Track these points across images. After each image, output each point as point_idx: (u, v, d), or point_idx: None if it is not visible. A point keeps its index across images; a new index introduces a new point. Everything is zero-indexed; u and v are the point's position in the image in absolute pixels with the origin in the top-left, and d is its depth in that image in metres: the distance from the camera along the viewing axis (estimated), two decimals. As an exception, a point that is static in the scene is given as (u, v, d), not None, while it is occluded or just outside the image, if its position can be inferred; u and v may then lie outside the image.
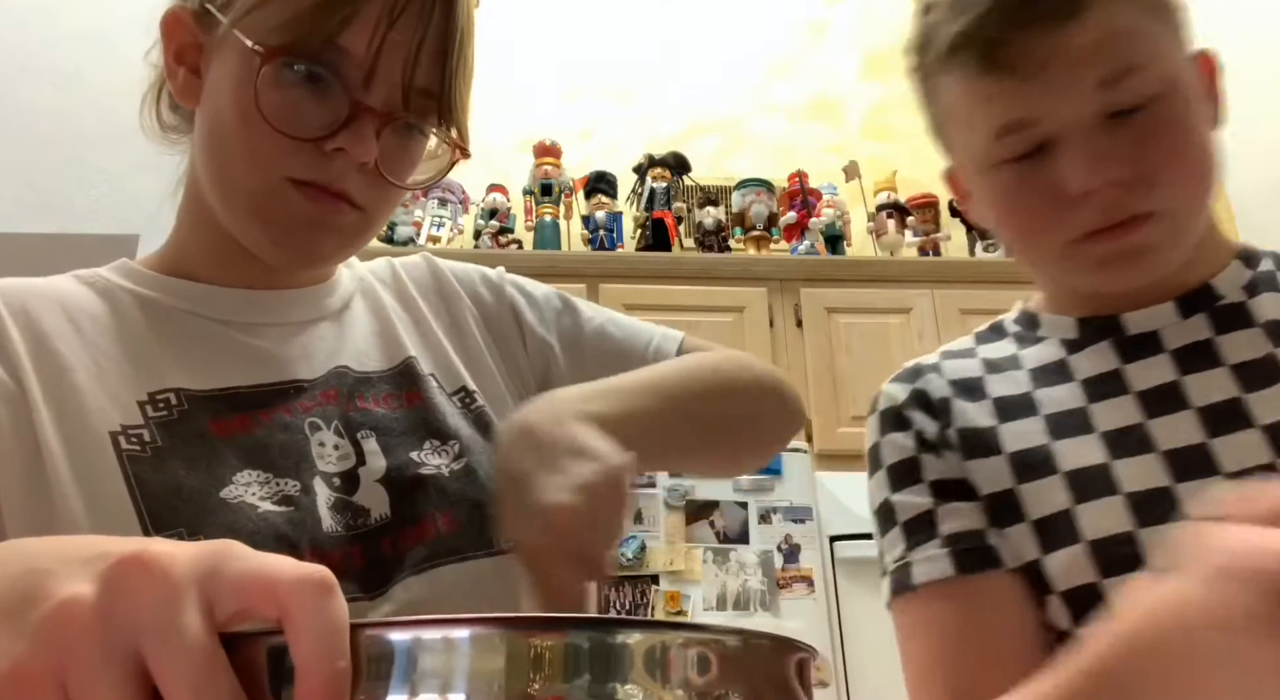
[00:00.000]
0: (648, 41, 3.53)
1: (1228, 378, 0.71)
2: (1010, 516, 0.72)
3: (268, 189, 0.64)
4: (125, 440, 0.60)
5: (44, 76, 2.83)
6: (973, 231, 3.15)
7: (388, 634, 0.29)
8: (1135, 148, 0.68)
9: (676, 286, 2.85)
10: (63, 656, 0.30)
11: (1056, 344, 0.79)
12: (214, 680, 0.29)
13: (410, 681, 0.29)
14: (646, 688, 0.30)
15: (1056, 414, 0.74)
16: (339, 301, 0.76)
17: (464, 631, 0.29)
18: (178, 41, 0.69)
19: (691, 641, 0.32)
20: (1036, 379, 0.77)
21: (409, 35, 0.63)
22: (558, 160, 3.19)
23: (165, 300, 0.69)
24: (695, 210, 3.18)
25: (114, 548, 0.32)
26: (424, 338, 0.77)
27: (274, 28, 0.62)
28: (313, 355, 0.71)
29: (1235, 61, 3.31)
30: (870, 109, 3.46)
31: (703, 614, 2.24)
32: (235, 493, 0.60)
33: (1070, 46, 0.68)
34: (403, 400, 0.71)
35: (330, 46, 0.62)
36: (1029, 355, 0.80)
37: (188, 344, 0.67)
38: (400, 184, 0.68)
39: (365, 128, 0.63)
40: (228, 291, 0.70)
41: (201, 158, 0.68)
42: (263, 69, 0.62)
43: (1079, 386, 0.75)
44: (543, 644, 0.29)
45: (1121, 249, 0.70)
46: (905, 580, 0.74)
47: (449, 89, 0.66)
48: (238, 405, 0.65)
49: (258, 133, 0.63)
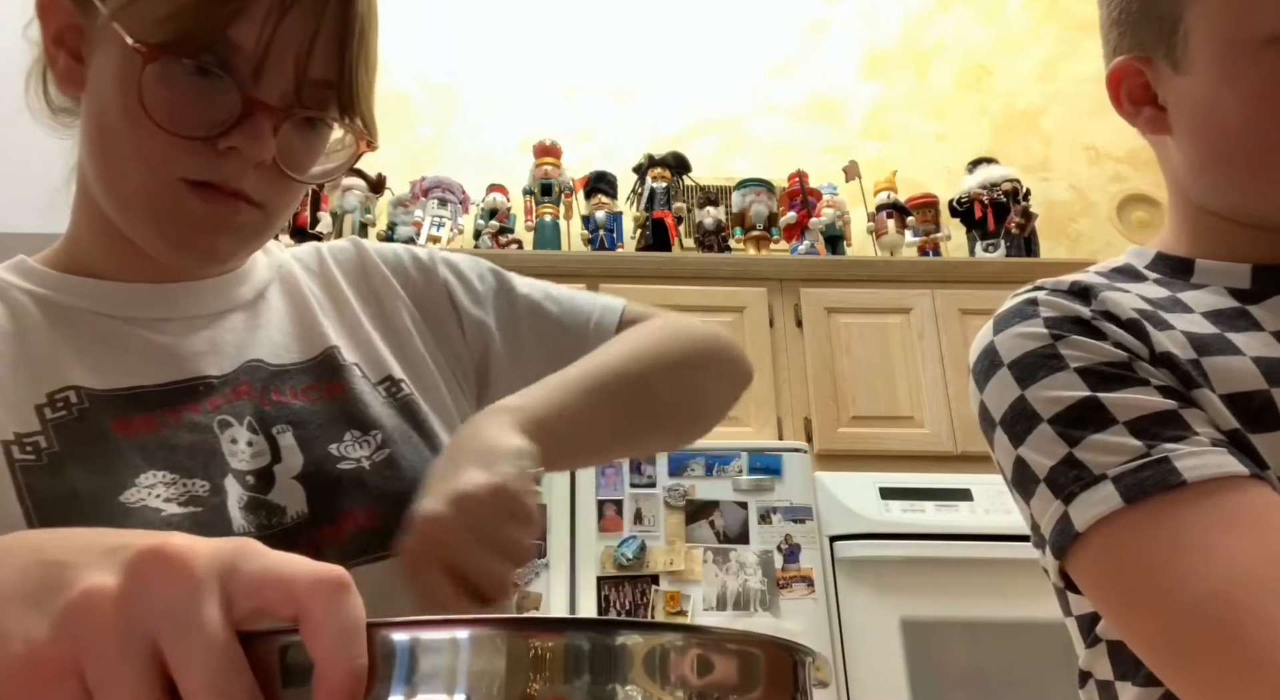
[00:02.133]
0: (648, 41, 3.53)
1: None
2: (1195, 382, 0.64)
3: (160, 190, 0.61)
4: (19, 450, 0.58)
5: (44, 76, 2.83)
6: (972, 231, 3.15)
7: (388, 634, 0.29)
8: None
9: (676, 286, 2.85)
10: (83, 644, 0.30)
11: (1223, 292, 0.70)
12: (232, 676, 0.29)
13: (410, 682, 0.29)
14: (646, 689, 0.30)
15: (1266, 359, 0.64)
16: (251, 291, 0.72)
17: (464, 632, 0.29)
18: (56, 23, 0.64)
19: (691, 643, 0.32)
20: (1219, 323, 0.68)
21: (303, 26, 0.60)
22: (558, 160, 3.19)
23: (63, 299, 0.66)
24: (695, 210, 3.18)
25: (135, 540, 0.33)
26: (348, 326, 0.74)
27: (158, 21, 0.58)
28: (222, 349, 0.67)
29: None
30: (870, 109, 3.46)
31: (703, 614, 2.24)
32: (137, 496, 0.57)
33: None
34: (323, 392, 0.68)
35: (219, 40, 0.58)
36: (1192, 299, 0.70)
37: (88, 343, 0.64)
38: (301, 178, 0.65)
39: (260, 125, 0.60)
40: (129, 287, 0.67)
41: (89, 155, 0.64)
42: (147, 67, 0.58)
43: (1272, 338, 0.66)
44: (543, 645, 0.29)
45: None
46: (1167, 478, 0.59)
47: (349, 80, 0.63)
48: (142, 405, 0.62)
49: (145, 132, 0.59)
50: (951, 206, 3.18)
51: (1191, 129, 0.70)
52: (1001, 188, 3.12)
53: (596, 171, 3.19)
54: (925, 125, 3.48)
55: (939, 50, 3.59)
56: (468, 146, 3.26)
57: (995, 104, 3.55)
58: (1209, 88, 0.69)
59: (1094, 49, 3.53)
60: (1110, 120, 3.55)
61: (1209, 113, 0.70)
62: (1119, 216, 3.44)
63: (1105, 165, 3.51)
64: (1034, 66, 3.61)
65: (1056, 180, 3.47)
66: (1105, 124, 3.57)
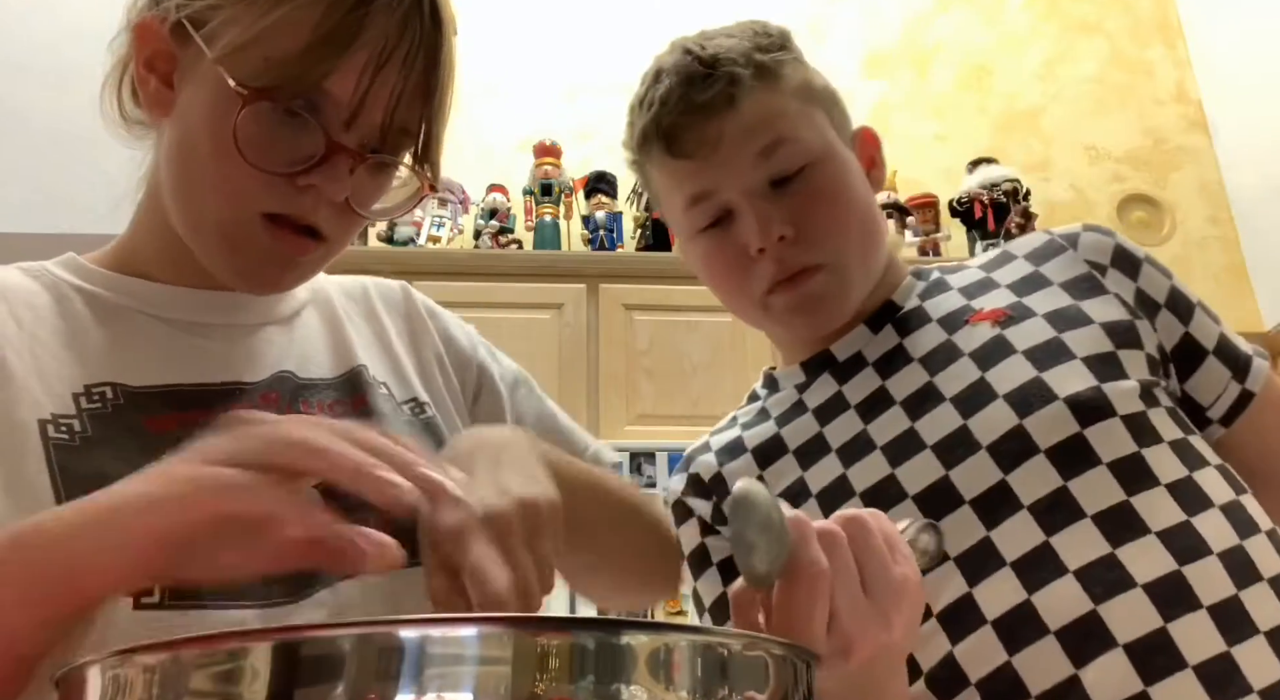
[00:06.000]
0: (648, 41, 3.52)
1: (918, 369, 0.82)
2: None
3: (238, 221, 0.65)
4: (54, 428, 0.61)
5: (44, 76, 2.83)
6: (972, 231, 3.15)
7: (396, 632, 0.29)
8: (796, 209, 0.81)
9: (676, 286, 2.85)
10: (250, 443, 0.47)
11: (791, 389, 0.89)
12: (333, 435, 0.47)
13: (417, 680, 0.29)
14: (650, 689, 0.31)
15: (800, 446, 0.84)
16: (289, 308, 0.76)
17: (471, 630, 0.29)
18: (151, 48, 0.68)
19: (696, 643, 0.33)
20: (780, 422, 0.87)
21: (393, 81, 0.64)
22: (558, 160, 3.19)
23: (111, 296, 0.69)
24: (695, 210, 3.18)
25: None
26: (381, 349, 0.78)
27: (259, 69, 0.62)
28: (256, 359, 0.70)
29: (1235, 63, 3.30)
30: (870, 109, 3.46)
31: (703, 614, 2.24)
32: None
33: (731, 129, 0.81)
34: (349, 407, 0.71)
35: (315, 90, 0.63)
36: (772, 404, 0.90)
37: (131, 340, 0.67)
38: (367, 215, 0.69)
39: (340, 166, 0.64)
40: (177, 291, 0.70)
41: (169, 177, 0.68)
42: (243, 108, 0.62)
43: (811, 416, 0.85)
44: (549, 644, 0.30)
45: (800, 298, 0.82)
46: None
47: (428, 127, 0.69)
48: (175, 402, 0.65)
49: (232, 166, 0.63)
50: (951, 206, 3.19)
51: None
52: (1001, 188, 3.12)
53: (596, 171, 3.19)
54: (925, 125, 3.48)
55: (939, 50, 3.59)
56: (468, 146, 3.26)
57: (995, 104, 3.55)
58: None
59: (1094, 49, 3.51)
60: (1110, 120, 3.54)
61: None
62: (1119, 216, 3.44)
63: (1105, 165, 3.51)
64: (1034, 66, 3.61)
65: (1056, 180, 3.47)
66: (1105, 124, 3.57)
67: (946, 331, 0.83)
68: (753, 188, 0.81)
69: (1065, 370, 0.75)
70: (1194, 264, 3.37)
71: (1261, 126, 3.33)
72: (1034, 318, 0.80)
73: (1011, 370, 0.77)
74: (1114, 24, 3.71)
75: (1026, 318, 0.80)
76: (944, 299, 0.86)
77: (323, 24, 0.62)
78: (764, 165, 0.81)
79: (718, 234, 0.84)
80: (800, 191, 0.82)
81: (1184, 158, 3.55)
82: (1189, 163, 3.54)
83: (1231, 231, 3.46)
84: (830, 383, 0.86)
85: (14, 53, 2.86)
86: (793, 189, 0.82)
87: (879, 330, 0.86)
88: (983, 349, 0.79)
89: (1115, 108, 3.58)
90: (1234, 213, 3.48)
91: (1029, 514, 0.71)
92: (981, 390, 0.77)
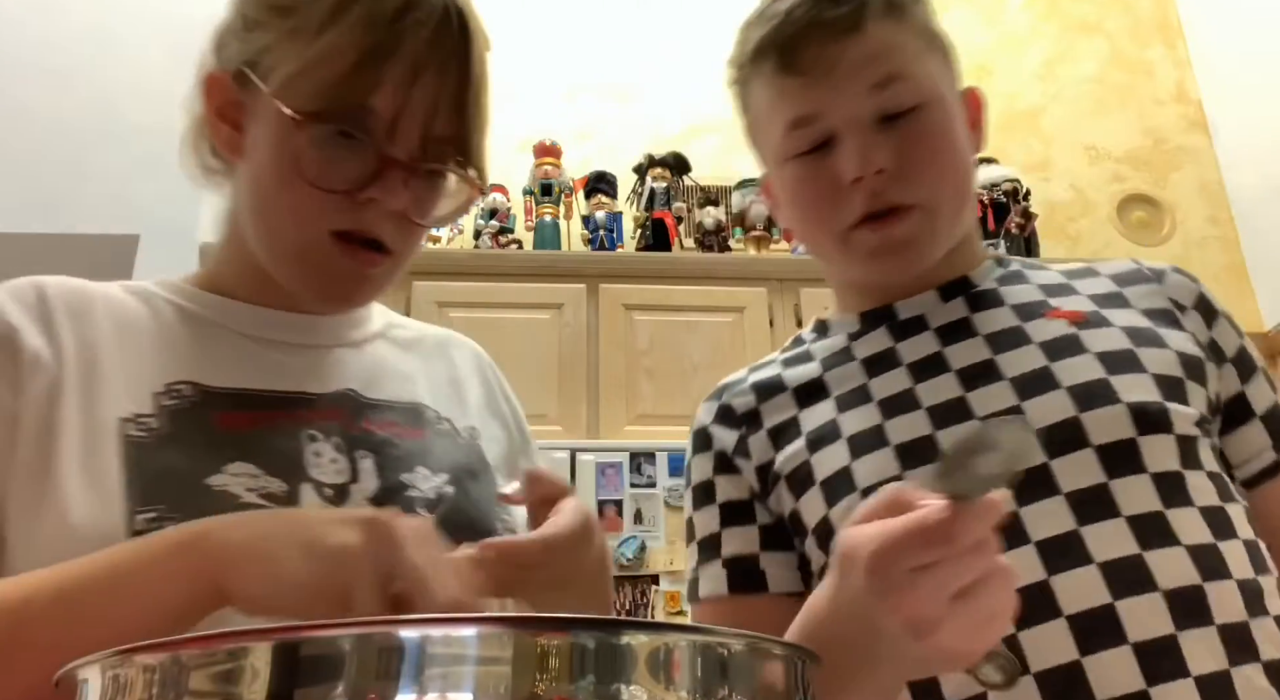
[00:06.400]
0: (648, 41, 3.53)
1: (981, 345, 0.82)
2: (806, 484, 0.81)
3: (311, 243, 0.72)
4: (134, 427, 0.66)
5: (44, 76, 2.83)
6: (973, 231, 3.15)
7: (397, 631, 0.29)
8: (900, 145, 0.80)
9: (676, 286, 2.85)
10: (350, 575, 0.47)
11: (842, 336, 0.89)
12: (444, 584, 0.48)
13: (417, 680, 0.29)
14: (650, 689, 0.31)
15: (843, 392, 0.84)
16: (360, 335, 0.82)
17: (471, 630, 0.29)
18: (219, 100, 0.75)
19: (696, 643, 0.33)
20: (826, 365, 0.88)
21: (428, 92, 0.70)
22: (558, 160, 3.19)
23: (198, 310, 0.76)
24: (695, 210, 3.18)
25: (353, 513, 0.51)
26: (450, 386, 0.84)
27: (309, 95, 0.69)
28: (324, 375, 0.77)
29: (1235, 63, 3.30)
30: (870, 109, 3.46)
31: (703, 614, 2.24)
32: (222, 481, 0.65)
33: (851, 53, 0.80)
34: (406, 430, 0.76)
35: (360, 107, 0.69)
36: (820, 348, 0.90)
37: (211, 348, 0.74)
38: (426, 223, 0.75)
39: (393, 178, 0.70)
40: (257, 309, 0.77)
41: (247, 210, 0.75)
42: (300, 133, 0.69)
43: (859, 365, 0.85)
44: (549, 644, 0.29)
45: (887, 239, 0.81)
46: (694, 591, 0.85)
47: (466, 135, 0.73)
48: (245, 404, 0.71)
49: (297, 190, 0.70)
50: (951, 206, 3.18)
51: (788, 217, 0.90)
52: (1002, 188, 3.12)
53: (596, 171, 3.19)
54: (925, 125, 3.48)
55: (939, 50, 3.59)
56: (468, 146, 3.26)
57: (995, 104, 3.51)
58: None
59: (1094, 49, 3.51)
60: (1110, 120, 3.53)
61: None
62: (1119, 216, 3.44)
63: (1105, 165, 3.51)
64: (1034, 66, 3.61)
65: (1056, 180, 3.47)
66: (1105, 124, 3.57)
67: (1019, 318, 0.83)
68: (861, 117, 0.80)
69: (1133, 379, 0.76)
70: (1194, 264, 3.37)
71: (1261, 126, 3.33)
72: (1112, 327, 0.80)
73: (1080, 367, 0.77)
74: (1114, 24, 3.71)
75: (1104, 325, 0.81)
76: (1022, 289, 0.86)
77: (361, 45, 0.68)
78: (877, 96, 0.80)
79: (813, 161, 0.82)
80: (907, 130, 0.80)
81: (1184, 158, 3.55)
82: (1189, 163, 3.54)
83: (1231, 231, 3.46)
84: (885, 337, 0.86)
85: (14, 53, 2.85)
86: (900, 126, 0.80)
87: (949, 300, 0.86)
88: (1054, 342, 0.79)
89: (1115, 108, 3.58)
90: (1234, 213, 3.48)
91: (1064, 500, 0.72)
92: (1044, 378, 0.77)
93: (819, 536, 0.79)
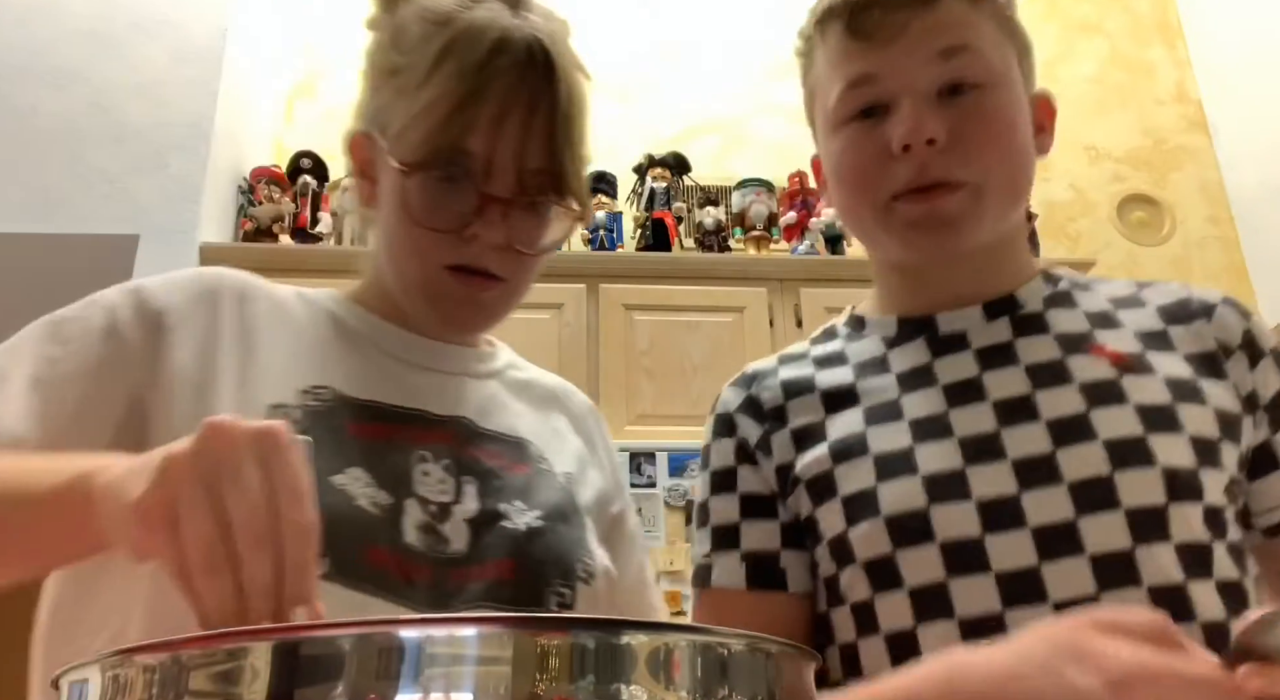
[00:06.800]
0: (648, 41, 3.53)
1: (1021, 376, 0.79)
2: (826, 495, 0.79)
3: (430, 277, 0.80)
4: (279, 414, 0.72)
5: (44, 76, 2.83)
6: (973, 231, 3.15)
7: (397, 631, 0.29)
8: (957, 120, 0.78)
9: (676, 286, 2.85)
10: (172, 490, 0.47)
11: (878, 340, 0.87)
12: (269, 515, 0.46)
13: (417, 680, 0.29)
14: (650, 689, 0.31)
15: (874, 404, 0.82)
16: (484, 369, 0.89)
17: (471, 630, 0.29)
18: (360, 159, 0.84)
19: (696, 643, 0.33)
20: (859, 372, 0.85)
21: (518, 129, 0.76)
22: (558, 160, 3.18)
23: (351, 323, 0.84)
24: (695, 210, 3.18)
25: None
26: (553, 430, 0.89)
27: (414, 145, 0.76)
28: (445, 399, 0.83)
29: (1235, 63, 3.30)
30: (870, 109, 3.46)
31: (703, 614, 2.23)
32: (342, 481, 0.71)
33: (920, 23, 0.78)
34: (510, 464, 0.82)
35: (458, 151, 0.76)
36: (854, 350, 0.88)
37: (356, 360, 0.82)
38: (531, 252, 0.81)
39: (493, 214, 0.77)
40: (400, 331, 0.85)
41: (382, 251, 0.84)
42: (409, 180, 0.77)
43: (894, 379, 0.83)
44: (549, 644, 0.29)
45: (928, 213, 0.78)
46: (704, 577, 0.83)
47: (559, 167, 0.78)
48: (374, 415, 0.78)
49: (413, 231, 0.78)
50: (951, 206, 3.18)
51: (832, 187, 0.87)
52: (1001, 188, 3.12)
53: (596, 171, 3.19)
54: (925, 125, 3.48)
55: (939, 50, 3.59)
56: (468, 146, 3.26)
57: (995, 104, 3.54)
58: None
59: (1094, 49, 3.51)
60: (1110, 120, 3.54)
61: None
62: (1119, 216, 3.44)
63: (1105, 165, 3.51)
64: (1034, 66, 3.61)
65: (1056, 180, 3.47)
66: (1105, 124, 3.57)
67: (1063, 350, 0.80)
68: (921, 86, 0.78)
69: (1170, 441, 0.74)
70: (1194, 264, 3.37)
71: (1261, 126, 3.33)
72: (1154, 375, 0.78)
73: (1119, 419, 0.75)
74: (1114, 24, 3.71)
75: (1147, 373, 0.78)
76: (1069, 315, 0.83)
77: (454, 94, 0.75)
78: (941, 67, 0.78)
79: (864, 126, 0.80)
80: (967, 106, 0.78)
81: (1184, 158, 3.55)
82: (1189, 163, 3.54)
83: (1231, 231, 3.46)
84: (923, 350, 0.84)
85: (14, 53, 2.85)
86: (960, 102, 0.78)
87: (994, 319, 0.83)
88: (1096, 386, 0.77)
89: (1115, 108, 3.58)
90: (1234, 213, 3.48)
91: (1088, 562, 0.71)
92: (1082, 425, 0.75)
93: (834, 550, 0.78)
